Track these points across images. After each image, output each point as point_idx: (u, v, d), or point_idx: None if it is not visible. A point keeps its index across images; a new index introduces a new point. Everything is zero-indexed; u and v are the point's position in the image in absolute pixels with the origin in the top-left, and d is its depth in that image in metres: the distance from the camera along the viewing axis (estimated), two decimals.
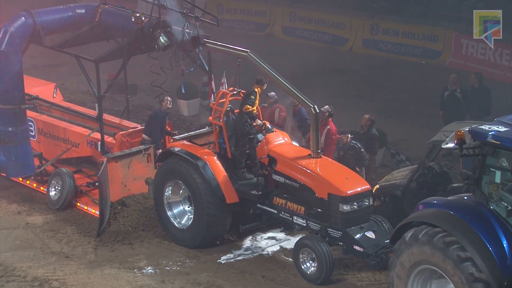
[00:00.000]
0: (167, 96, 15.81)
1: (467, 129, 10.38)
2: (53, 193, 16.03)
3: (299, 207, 13.34)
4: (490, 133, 9.97)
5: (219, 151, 14.31)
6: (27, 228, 15.20)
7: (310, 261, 12.87)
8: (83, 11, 16.69)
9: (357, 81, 23.75)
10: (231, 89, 14.40)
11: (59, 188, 15.90)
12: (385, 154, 17.64)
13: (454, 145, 10.95)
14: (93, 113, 16.12)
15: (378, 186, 14.45)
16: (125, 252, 14.14)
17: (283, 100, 16.41)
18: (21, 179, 16.87)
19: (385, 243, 12.51)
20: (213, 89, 16.26)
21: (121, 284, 13.07)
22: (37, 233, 14.98)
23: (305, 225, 13.28)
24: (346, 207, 12.70)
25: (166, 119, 15.96)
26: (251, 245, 14.33)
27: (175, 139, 15.59)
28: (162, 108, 15.82)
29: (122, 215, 14.96)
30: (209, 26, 15.88)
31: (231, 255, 13.97)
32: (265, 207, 13.83)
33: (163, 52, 15.13)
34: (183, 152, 14.20)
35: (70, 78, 23.96)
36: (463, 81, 18.61)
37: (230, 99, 14.21)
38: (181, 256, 13.96)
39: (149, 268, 13.58)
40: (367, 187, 13.10)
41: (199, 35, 14.87)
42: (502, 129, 10.04)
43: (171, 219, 14.43)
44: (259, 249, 14.18)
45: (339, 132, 15.44)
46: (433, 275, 10.45)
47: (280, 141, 14.03)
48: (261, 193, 13.74)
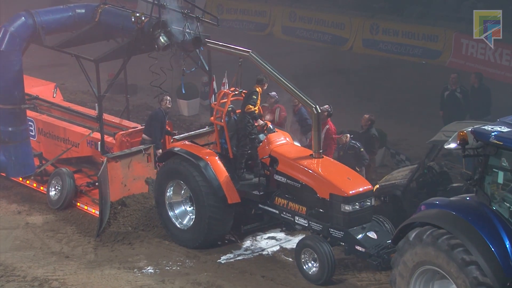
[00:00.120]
0: (167, 96, 15.81)
1: (469, 129, 10.34)
2: (53, 193, 16.02)
3: (300, 207, 13.32)
4: (492, 134, 9.94)
5: (221, 151, 14.30)
6: (27, 228, 15.19)
7: (312, 262, 12.85)
8: (83, 11, 16.69)
9: (357, 81, 23.73)
10: (232, 89, 14.38)
11: (59, 188, 15.89)
12: (385, 154, 17.63)
13: (456, 145, 10.89)
14: (93, 113, 16.11)
15: (378, 186, 14.44)
16: (125, 252, 14.14)
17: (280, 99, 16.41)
18: (21, 179, 16.87)
19: (387, 243, 12.47)
20: (215, 89, 16.26)
21: (121, 284, 13.07)
22: (37, 233, 14.97)
23: (306, 225, 13.26)
24: (348, 207, 12.68)
25: (166, 119, 15.96)
26: (251, 245, 14.32)
27: (175, 139, 15.60)
28: (161, 108, 15.82)
29: (122, 215, 14.95)
30: (209, 26, 15.88)
31: (231, 255, 13.96)
32: (266, 208, 13.82)
33: (163, 52, 15.13)
34: (185, 152, 14.17)
35: (70, 78, 23.95)
36: (463, 81, 18.60)
37: (231, 99, 14.20)
38: (181, 256, 13.95)
39: (149, 268, 13.58)
40: (369, 187, 13.08)
41: (200, 35, 14.87)
42: (504, 129, 10.01)
43: (173, 219, 14.40)
44: (259, 249, 14.17)
45: (338, 132, 15.44)
46: (436, 276, 10.43)
47: (281, 141, 14.00)
48: (262, 193, 13.73)
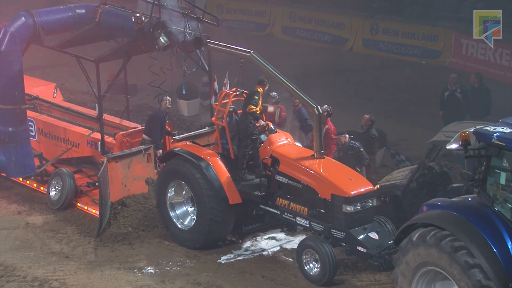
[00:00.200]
0: (167, 96, 15.81)
1: (471, 130, 10.33)
2: (53, 193, 16.02)
3: (302, 208, 13.31)
4: (495, 134, 9.91)
5: (222, 152, 14.29)
6: (27, 228, 15.19)
7: (313, 262, 12.85)
8: (83, 11, 16.69)
9: (357, 81, 23.73)
10: (234, 89, 14.38)
11: (59, 188, 15.89)
12: (385, 154, 17.62)
13: (458, 146, 10.87)
14: (93, 113, 16.11)
15: (378, 186, 14.44)
16: (125, 252, 14.14)
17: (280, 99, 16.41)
18: (21, 179, 16.87)
19: (389, 244, 12.46)
20: (216, 90, 16.26)
21: (121, 284, 13.07)
22: (37, 233, 14.97)
23: (308, 226, 13.25)
24: (349, 208, 12.66)
25: (166, 119, 15.97)
26: (251, 245, 14.32)
27: (175, 139, 15.60)
28: (161, 108, 15.82)
29: (122, 215, 14.95)
30: (209, 26, 15.88)
31: (231, 255, 13.96)
32: (268, 208, 13.80)
33: (163, 52, 15.13)
34: (186, 153, 14.15)
35: (70, 78, 23.97)
36: (463, 81, 18.60)
37: (233, 99, 14.20)
38: (181, 256, 13.95)
39: (149, 268, 13.58)
40: (371, 187, 13.06)
41: (201, 35, 14.87)
42: (507, 130, 9.99)
43: (174, 220, 14.38)
44: (259, 249, 14.17)
45: (337, 133, 15.43)
46: (438, 276, 10.41)
47: (283, 142, 13.98)
48: (264, 194, 13.71)
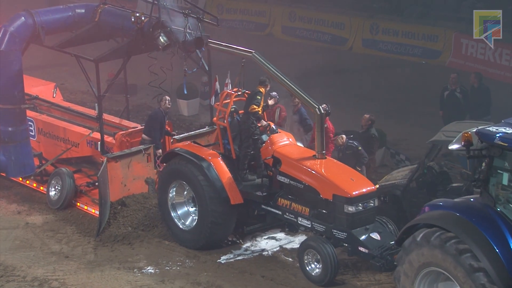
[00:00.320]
0: (166, 96, 15.81)
1: (474, 130, 10.29)
2: (53, 193, 16.02)
3: (303, 208, 13.28)
4: (497, 135, 9.87)
5: (224, 152, 14.27)
6: (27, 228, 15.19)
7: (315, 263, 12.82)
8: (83, 11, 16.69)
9: (357, 81, 23.74)
10: (235, 89, 14.37)
11: (59, 188, 15.89)
12: (385, 154, 17.63)
13: (460, 146, 10.83)
14: (93, 113, 16.10)
15: (377, 185, 14.44)
16: (125, 252, 14.13)
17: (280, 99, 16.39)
18: (21, 179, 16.86)
19: (391, 244, 12.45)
20: (218, 90, 16.24)
21: (121, 284, 13.07)
22: (37, 233, 14.97)
23: (309, 226, 13.23)
24: (351, 208, 12.63)
25: (165, 119, 15.97)
26: (251, 245, 14.32)
27: (175, 139, 15.59)
28: (161, 108, 15.82)
29: (122, 215, 14.95)
30: (209, 26, 15.87)
31: (231, 255, 13.96)
32: (269, 208, 13.77)
33: (163, 52, 15.13)
34: (188, 153, 14.12)
35: (69, 77, 23.96)
36: (463, 81, 18.60)
37: (234, 99, 14.19)
38: (181, 256, 13.95)
39: (149, 268, 13.57)
40: (372, 188, 13.03)
41: (203, 35, 14.87)
42: (509, 130, 9.94)
43: (175, 220, 14.37)
44: (259, 249, 14.17)
45: (334, 134, 15.42)
46: (441, 277, 10.38)
47: (284, 142, 13.95)
48: (265, 194, 13.69)
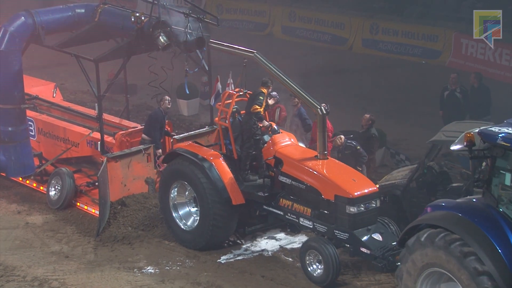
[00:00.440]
0: (166, 96, 15.81)
1: (476, 130, 10.26)
2: (53, 193, 16.02)
3: (305, 208, 13.26)
4: (500, 135, 9.84)
5: (225, 152, 14.26)
6: (27, 228, 15.19)
7: (316, 263, 12.81)
8: (83, 10, 16.70)
9: (357, 81, 23.74)
10: (237, 90, 14.36)
11: (59, 187, 15.89)
12: (385, 154, 17.63)
13: (463, 146, 10.80)
14: (93, 113, 16.12)
15: (377, 185, 14.43)
16: (125, 252, 14.13)
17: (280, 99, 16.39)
18: (21, 179, 16.87)
19: (392, 245, 12.43)
20: (219, 90, 16.23)
21: (121, 284, 13.07)
22: (36, 233, 14.97)
23: (311, 227, 13.21)
24: (353, 209, 12.60)
25: (165, 119, 15.97)
26: (251, 245, 14.32)
27: (175, 139, 15.59)
28: (161, 108, 15.83)
29: (122, 215, 14.95)
30: (209, 26, 15.87)
31: (231, 255, 13.96)
32: (271, 209, 13.75)
33: (163, 51, 15.13)
34: (189, 153, 14.10)
35: (69, 77, 23.95)
36: (463, 81, 18.60)
37: (236, 100, 14.17)
38: (181, 256, 13.95)
39: (149, 268, 13.57)
40: (374, 188, 13.00)
41: (204, 35, 14.86)
42: None
43: (177, 220, 14.35)
44: (259, 249, 14.16)
45: (333, 134, 15.42)
46: (443, 277, 10.37)
47: (286, 143, 13.91)
48: (267, 194, 13.66)
